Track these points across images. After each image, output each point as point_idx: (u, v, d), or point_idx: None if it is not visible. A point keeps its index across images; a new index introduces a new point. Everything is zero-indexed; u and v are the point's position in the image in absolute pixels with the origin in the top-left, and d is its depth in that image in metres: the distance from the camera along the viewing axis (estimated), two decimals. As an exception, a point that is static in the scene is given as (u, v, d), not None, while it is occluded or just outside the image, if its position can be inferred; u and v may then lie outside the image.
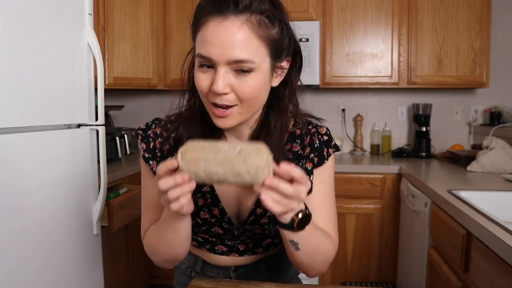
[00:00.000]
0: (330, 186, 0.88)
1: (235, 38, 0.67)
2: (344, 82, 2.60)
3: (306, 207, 0.70)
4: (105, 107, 1.64)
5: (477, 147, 2.46)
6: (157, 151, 0.86)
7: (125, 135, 2.57)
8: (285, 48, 0.75)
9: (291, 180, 0.63)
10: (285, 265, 1.00)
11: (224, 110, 0.72)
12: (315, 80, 2.51)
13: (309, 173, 0.85)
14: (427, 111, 2.68)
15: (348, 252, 2.40)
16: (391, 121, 2.89)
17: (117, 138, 2.41)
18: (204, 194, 0.86)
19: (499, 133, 2.33)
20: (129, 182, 2.17)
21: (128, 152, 2.59)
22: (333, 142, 0.88)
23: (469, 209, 1.33)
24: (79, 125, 1.53)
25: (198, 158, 0.61)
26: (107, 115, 2.53)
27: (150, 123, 0.89)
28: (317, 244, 0.77)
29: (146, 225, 0.87)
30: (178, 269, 1.02)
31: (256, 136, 0.82)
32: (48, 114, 1.36)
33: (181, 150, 0.63)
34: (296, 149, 0.86)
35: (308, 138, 0.86)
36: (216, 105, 0.72)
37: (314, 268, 0.80)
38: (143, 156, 0.87)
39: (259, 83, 0.71)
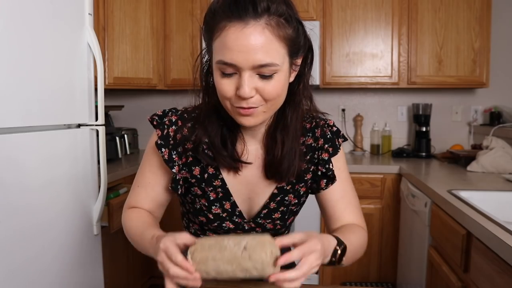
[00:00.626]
0: (347, 172, 0.94)
1: (258, 42, 0.67)
2: (344, 82, 2.60)
3: (338, 240, 0.76)
4: (105, 107, 1.64)
5: (477, 147, 2.46)
6: (170, 139, 0.86)
7: (125, 135, 2.57)
8: (301, 46, 0.76)
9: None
10: (290, 265, 0.99)
11: (249, 108, 0.73)
12: (315, 80, 2.51)
13: (326, 162, 0.89)
14: (427, 111, 2.68)
15: (348, 252, 2.40)
16: (391, 121, 2.89)
17: (117, 138, 2.41)
18: (216, 188, 0.86)
19: (499, 133, 2.33)
20: (129, 182, 2.17)
21: (128, 152, 2.59)
22: (341, 132, 0.93)
23: (469, 209, 1.33)
24: (79, 125, 1.53)
25: (206, 257, 0.65)
26: (107, 115, 2.53)
27: (167, 110, 0.89)
28: (355, 250, 0.82)
29: (132, 202, 0.90)
30: None
31: (272, 131, 0.84)
32: (48, 114, 1.36)
33: (190, 250, 0.67)
34: (309, 142, 0.89)
35: (319, 130, 0.90)
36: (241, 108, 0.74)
37: (354, 261, 0.86)
38: (156, 142, 0.86)
39: (282, 82, 0.73)
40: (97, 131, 1.59)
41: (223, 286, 0.86)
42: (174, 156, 0.86)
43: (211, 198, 0.86)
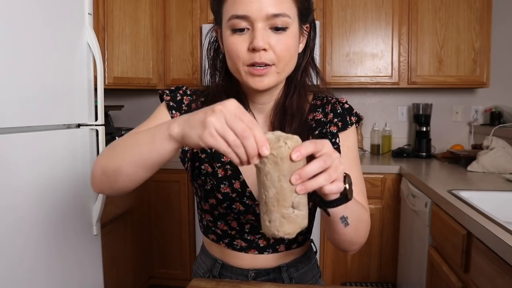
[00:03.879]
0: (354, 153, 0.86)
1: None
2: (344, 82, 2.60)
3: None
4: (105, 107, 1.64)
5: (478, 147, 2.46)
6: (183, 105, 0.85)
7: (125, 135, 2.57)
8: (310, 11, 0.78)
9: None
10: (309, 276, 0.95)
11: (262, 68, 0.72)
12: (315, 80, 2.50)
13: (334, 136, 0.85)
14: (427, 111, 2.68)
15: (348, 252, 2.40)
16: (391, 121, 2.89)
17: (117, 138, 2.41)
18: (224, 164, 0.84)
19: (500, 133, 2.33)
20: (129, 182, 2.17)
21: (128, 152, 2.58)
22: (355, 110, 0.88)
23: (469, 209, 1.33)
24: (78, 125, 1.53)
25: None
26: (107, 115, 2.53)
27: (180, 85, 0.90)
28: (360, 212, 0.75)
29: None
30: (196, 274, 0.98)
31: (281, 104, 0.83)
32: (48, 114, 1.35)
33: None
34: (318, 117, 0.87)
35: (329, 106, 0.88)
36: (254, 66, 0.73)
37: (358, 241, 0.77)
38: (168, 104, 0.84)
39: (293, 42, 0.74)
40: (97, 131, 1.58)
41: (223, 286, 0.85)
42: None
43: (219, 176, 0.83)
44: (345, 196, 0.64)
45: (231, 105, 0.55)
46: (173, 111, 0.84)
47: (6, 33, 1.18)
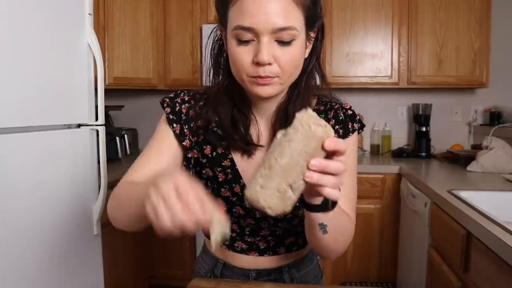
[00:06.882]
0: (353, 161, 0.84)
1: (277, 6, 0.66)
2: (344, 82, 2.60)
3: None
4: (105, 107, 1.64)
5: (477, 147, 2.46)
6: (182, 115, 0.84)
7: (125, 135, 2.57)
8: (318, 18, 0.76)
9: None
10: (311, 276, 0.95)
11: (266, 79, 0.71)
12: (319, 82, 2.50)
13: None
14: (427, 111, 2.68)
15: (348, 252, 2.40)
16: (391, 121, 2.89)
17: (117, 138, 2.41)
18: (225, 169, 0.83)
19: (499, 133, 2.33)
20: (129, 182, 2.17)
21: (128, 152, 2.59)
22: (358, 117, 0.86)
23: (469, 209, 1.33)
24: (79, 125, 1.53)
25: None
26: (107, 115, 2.53)
27: (179, 91, 0.88)
28: (342, 224, 0.73)
29: (130, 173, 0.80)
30: (198, 274, 0.99)
31: (284, 108, 0.82)
32: (48, 114, 1.36)
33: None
34: None
35: (332, 112, 0.87)
36: (258, 77, 0.72)
37: (336, 251, 0.77)
38: (168, 118, 0.84)
39: (299, 53, 0.72)
40: (97, 131, 1.59)
41: (223, 286, 0.86)
42: (185, 131, 0.84)
43: (220, 180, 0.83)
44: (325, 206, 0.64)
45: (167, 189, 0.51)
46: (174, 125, 0.84)
47: (7, 33, 1.18)
